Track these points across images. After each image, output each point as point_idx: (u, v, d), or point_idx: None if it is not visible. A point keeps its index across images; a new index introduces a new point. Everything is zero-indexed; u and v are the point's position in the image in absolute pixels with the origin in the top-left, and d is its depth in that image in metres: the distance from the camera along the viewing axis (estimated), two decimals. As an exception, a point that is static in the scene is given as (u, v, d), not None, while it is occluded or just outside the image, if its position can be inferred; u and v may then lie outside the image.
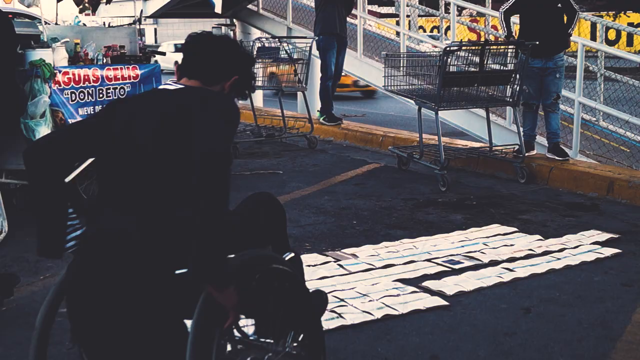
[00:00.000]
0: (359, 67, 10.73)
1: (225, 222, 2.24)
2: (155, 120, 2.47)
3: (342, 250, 4.89)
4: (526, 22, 7.38)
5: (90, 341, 2.42)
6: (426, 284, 4.27)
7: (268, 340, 2.54)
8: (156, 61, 7.09)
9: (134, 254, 2.32)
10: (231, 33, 12.50)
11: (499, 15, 7.50)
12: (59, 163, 2.46)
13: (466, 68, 7.36)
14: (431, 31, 23.82)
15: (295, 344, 2.58)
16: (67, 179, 5.38)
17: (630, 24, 22.58)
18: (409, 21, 12.06)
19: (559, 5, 7.23)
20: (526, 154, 7.21)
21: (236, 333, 2.50)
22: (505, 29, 7.42)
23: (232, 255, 2.41)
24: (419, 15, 14.87)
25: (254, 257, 2.57)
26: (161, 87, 2.72)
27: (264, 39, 9.91)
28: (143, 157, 2.44)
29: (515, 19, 7.77)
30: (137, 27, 6.88)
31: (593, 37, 17.11)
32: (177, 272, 2.30)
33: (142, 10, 8.42)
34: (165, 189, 2.39)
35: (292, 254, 2.93)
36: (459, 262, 4.66)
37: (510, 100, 7.24)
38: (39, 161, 2.41)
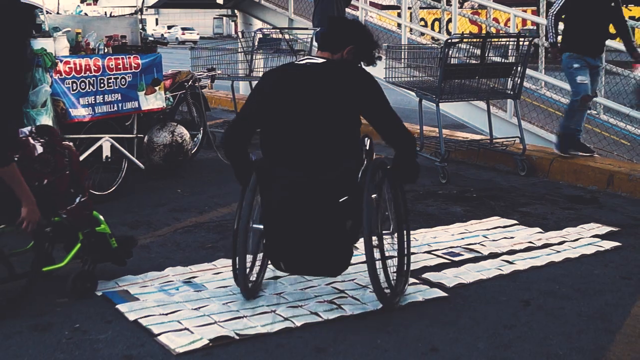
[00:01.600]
0: (360, 58, 10.69)
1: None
2: (321, 89, 3.57)
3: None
4: (575, 21, 6.99)
5: (284, 247, 3.66)
6: (426, 275, 4.28)
7: None
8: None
9: (316, 194, 3.55)
10: (232, 24, 12.49)
11: (549, 20, 7.09)
12: (244, 143, 3.76)
13: (467, 60, 7.35)
14: (432, 23, 23.76)
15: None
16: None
17: (632, 18, 22.51)
18: (411, 13, 12.03)
19: (612, 4, 6.98)
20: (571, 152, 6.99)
21: None
22: (554, 36, 7.04)
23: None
24: (421, 8, 14.80)
25: None
26: (307, 61, 3.73)
27: (265, 30, 9.89)
28: (315, 121, 3.55)
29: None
30: (139, 17, 6.86)
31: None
32: (340, 200, 3.57)
33: (143, 0, 8.40)
34: (334, 146, 3.57)
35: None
36: (458, 254, 4.67)
37: (511, 92, 7.24)
38: (235, 146, 3.77)
